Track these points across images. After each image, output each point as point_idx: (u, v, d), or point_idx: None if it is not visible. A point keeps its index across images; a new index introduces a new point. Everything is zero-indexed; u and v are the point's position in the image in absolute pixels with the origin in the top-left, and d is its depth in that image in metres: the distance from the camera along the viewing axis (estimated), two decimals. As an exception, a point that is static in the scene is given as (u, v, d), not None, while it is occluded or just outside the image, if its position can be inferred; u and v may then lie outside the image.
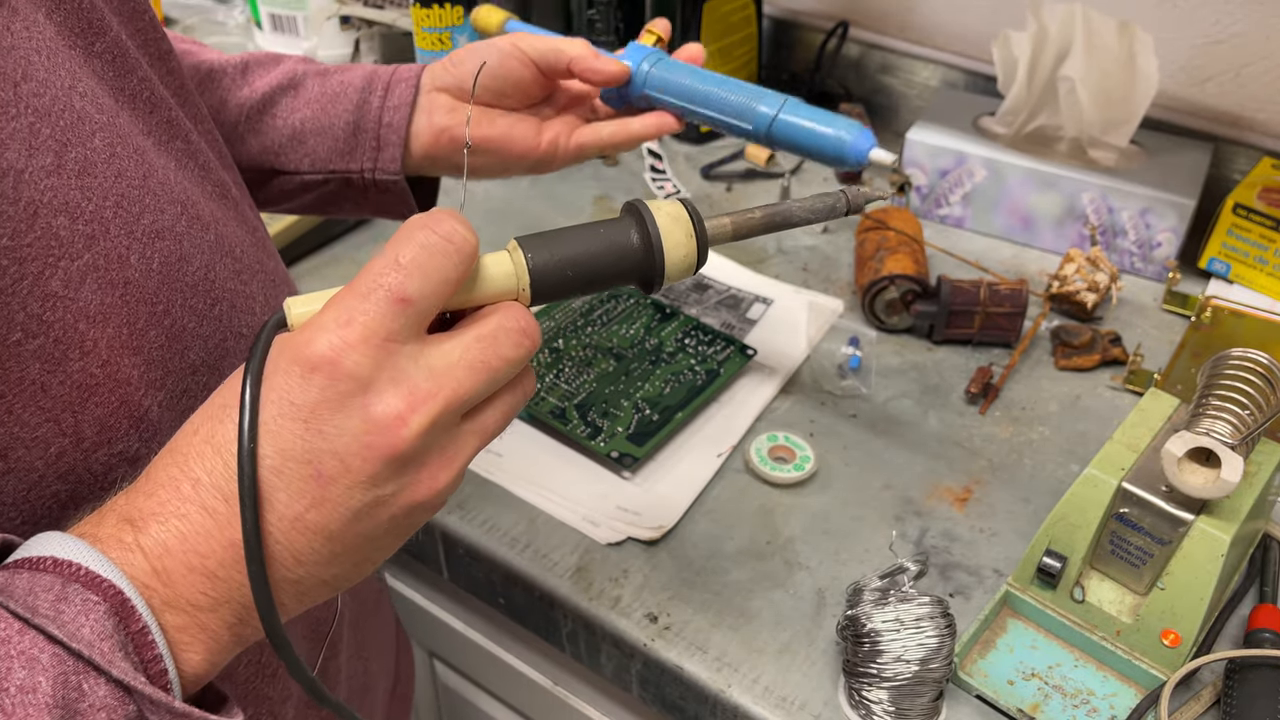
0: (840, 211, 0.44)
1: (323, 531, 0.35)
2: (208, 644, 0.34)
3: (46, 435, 0.36)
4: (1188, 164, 0.88)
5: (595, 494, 0.68)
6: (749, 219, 0.43)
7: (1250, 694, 0.53)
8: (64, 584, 0.32)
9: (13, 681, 0.30)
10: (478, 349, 0.37)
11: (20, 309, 0.35)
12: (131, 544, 0.33)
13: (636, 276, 0.41)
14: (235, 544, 0.34)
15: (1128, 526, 0.56)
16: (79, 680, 0.31)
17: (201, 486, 0.34)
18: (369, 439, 0.34)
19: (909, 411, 0.74)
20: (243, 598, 0.35)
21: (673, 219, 0.41)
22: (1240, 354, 0.56)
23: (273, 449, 0.34)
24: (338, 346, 0.34)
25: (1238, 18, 0.89)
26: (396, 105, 0.64)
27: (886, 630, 0.52)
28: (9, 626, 0.31)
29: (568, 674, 0.74)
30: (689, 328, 0.79)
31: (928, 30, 1.05)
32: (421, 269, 0.35)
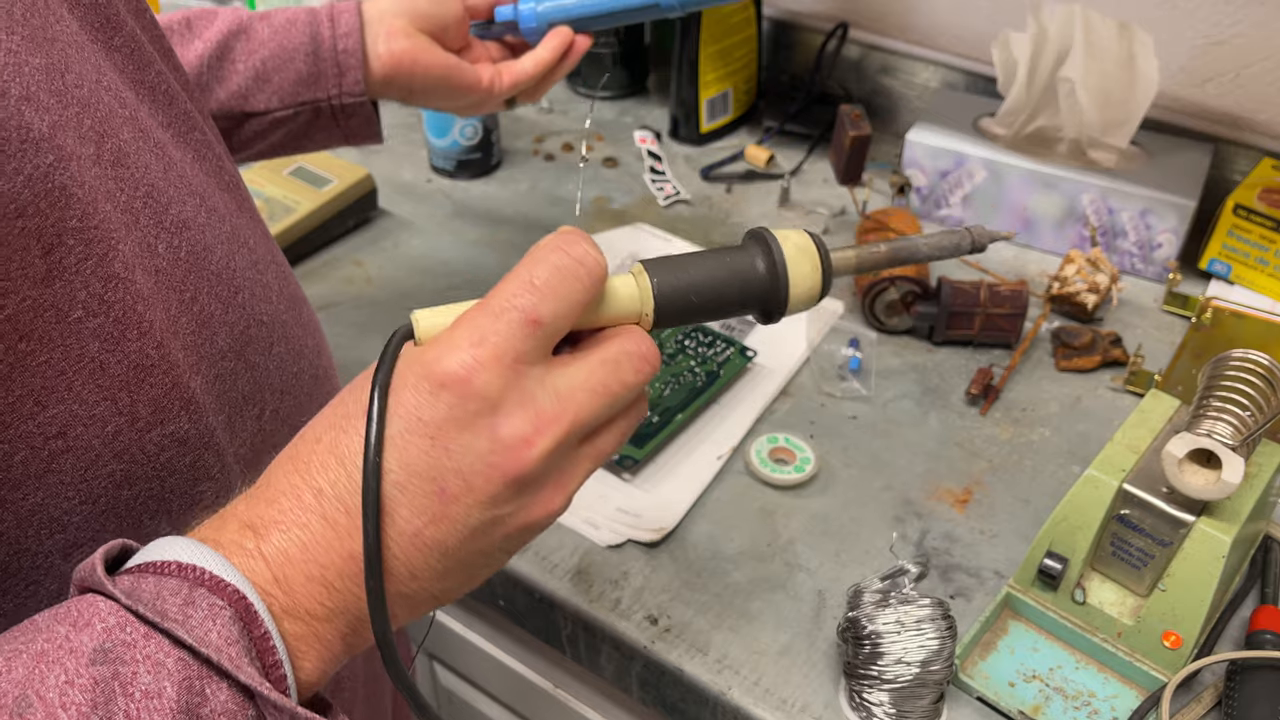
0: (964, 250, 0.43)
1: (439, 548, 0.35)
2: (321, 653, 0.35)
3: (104, 414, 0.37)
4: (1188, 165, 0.88)
5: (595, 496, 0.68)
6: (874, 253, 0.42)
7: (1251, 695, 0.53)
8: (190, 588, 0.32)
9: (138, 686, 0.30)
10: (601, 373, 0.37)
11: (83, 288, 0.35)
12: (254, 551, 0.34)
13: (759, 306, 0.41)
14: (354, 556, 0.34)
15: (1129, 528, 0.56)
16: (202, 685, 0.31)
17: (324, 497, 0.34)
18: (494, 459, 0.35)
19: (909, 413, 0.74)
20: (357, 609, 0.35)
21: (800, 250, 0.40)
22: (1241, 355, 0.55)
23: (398, 464, 0.34)
24: (469, 365, 0.34)
25: (1238, 18, 0.89)
26: (347, 32, 0.67)
27: (887, 632, 0.52)
28: (134, 631, 0.31)
29: (568, 676, 0.74)
30: (689, 329, 0.79)
31: (928, 31, 1.05)
32: (555, 291, 0.35)
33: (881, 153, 1.04)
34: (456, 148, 1.00)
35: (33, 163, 0.33)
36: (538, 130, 1.10)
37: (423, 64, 0.69)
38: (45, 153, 0.34)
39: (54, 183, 0.34)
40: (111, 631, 0.31)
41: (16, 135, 0.33)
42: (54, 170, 0.34)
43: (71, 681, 0.29)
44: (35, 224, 0.33)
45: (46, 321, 0.35)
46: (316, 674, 0.35)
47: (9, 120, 0.32)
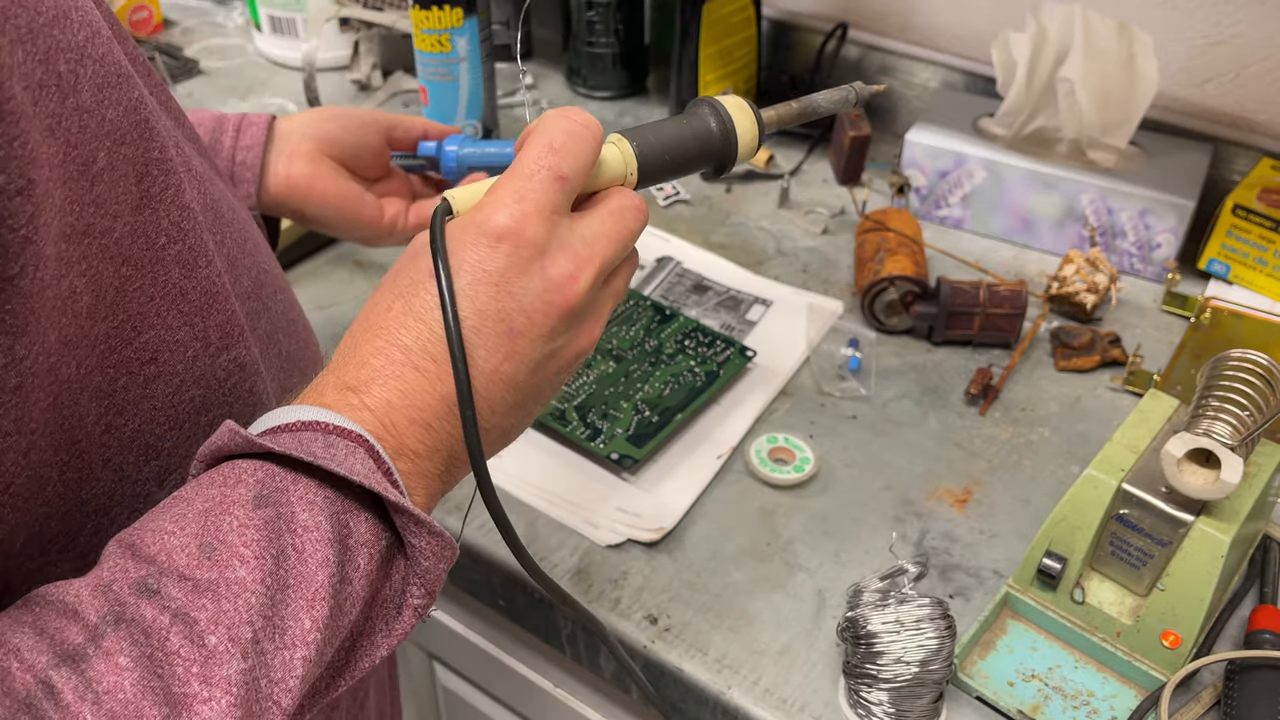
0: (851, 103, 0.51)
1: (511, 382, 0.40)
2: (426, 487, 0.39)
3: (185, 338, 0.40)
4: (1187, 165, 0.88)
5: (595, 496, 0.68)
6: (788, 109, 0.50)
7: (1250, 695, 0.53)
8: (325, 436, 0.36)
9: (299, 522, 0.34)
10: (612, 221, 0.43)
11: (165, 216, 0.39)
12: (359, 405, 0.38)
13: (715, 159, 0.48)
14: (446, 397, 0.39)
15: (1128, 528, 0.56)
16: (347, 519, 0.35)
17: (411, 351, 0.39)
18: (550, 296, 0.40)
19: (909, 413, 0.74)
20: (451, 446, 0.40)
21: (739, 108, 0.47)
22: (1240, 355, 0.56)
23: (471, 310, 0.39)
24: (518, 218, 0.39)
25: (1238, 19, 0.89)
26: (249, 145, 0.67)
27: (886, 632, 0.52)
28: (283, 479, 0.35)
29: (568, 676, 0.74)
30: (689, 329, 0.79)
31: (927, 31, 1.05)
32: (571, 151, 0.41)
33: (881, 153, 1.04)
34: (456, 148, 1.00)
35: (128, 95, 0.36)
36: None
37: (318, 191, 0.68)
38: (133, 88, 0.37)
39: (141, 115, 0.37)
40: (263, 481, 0.35)
41: (115, 69, 0.36)
42: (139, 104, 0.37)
43: (244, 525, 0.33)
44: (133, 152, 0.37)
45: (140, 247, 0.38)
46: (424, 506, 0.40)
47: (108, 55, 0.35)
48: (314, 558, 0.34)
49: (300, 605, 0.33)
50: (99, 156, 0.35)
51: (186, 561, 0.32)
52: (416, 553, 0.36)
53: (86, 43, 0.34)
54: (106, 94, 0.35)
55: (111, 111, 0.35)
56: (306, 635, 0.33)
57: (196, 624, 0.31)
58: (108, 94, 0.35)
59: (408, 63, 1.18)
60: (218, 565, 0.32)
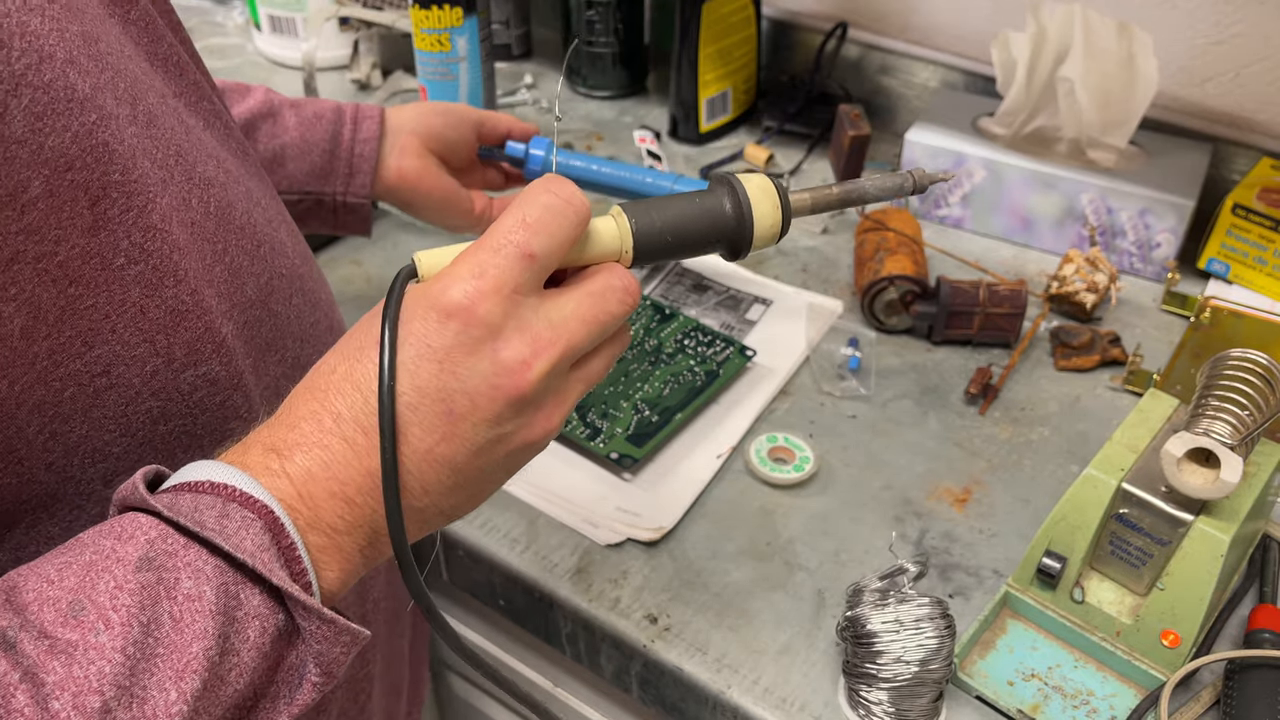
0: (907, 190, 0.46)
1: (449, 464, 0.38)
2: (342, 563, 0.38)
3: (143, 354, 0.40)
4: (1187, 164, 0.88)
5: (595, 495, 0.68)
6: (826, 195, 0.46)
7: (1250, 695, 0.53)
8: (224, 503, 0.35)
9: (181, 590, 0.33)
10: (588, 304, 0.40)
11: (125, 237, 0.38)
12: (278, 470, 0.37)
13: (726, 244, 0.44)
14: (372, 473, 0.37)
15: (1127, 527, 0.56)
16: (237, 590, 0.34)
17: (342, 420, 0.37)
18: (497, 380, 0.38)
19: (909, 412, 0.74)
20: (374, 522, 0.38)
21: (762, 191, 0.44)
22: (1239, 354, 0.56)
23: (410, 386, 0.37)
24: (472, 295, 0.37)
25: (1237, 18, 0.89)
26: (366, 138, 0.72)
27: (886, 631, 0.52)
28: (175, 542, 0.34)
29: (568, 675, 0.74)
30: (688, 329, 0.79)
31: (927, 31, 1.05)
32: (546, 228, 0.39)
33: (881, 152, 1.04)
34: (456, 147, 1.00)
35: (79, 120, 0.36)
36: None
37: (425, 184, 0.74)
38: (89, 111, 0.36)
39: (97, 139, 0.37)
40: (154, 542, 0.33)
41: (64, 95, 0.35)
42: (97, 128, 0.36)
43: (120, 586, 0.32)
44: (83, 177, 0.36)
45: (93, 268, 0.37)
46: (338, 583, 0.38)
47: (56, 81, 0.35)
48: (190, 628, 0.33)
49: (167, 675, 0.32)
50: (32, 185, 0.34)
51: (52, 618, 0.31)
52: (308, 635, 0.35)
53: (27, 70, 0.34)
54: (46, 121, 0.34)
55: (53, 139, 0.35)
56: (170, 707, 0.32)
57: (43, 685, 0.30)
58: (48, 121, 0.35)
59: (407, 62, 1.18)
60: (80, 626, 0.31)
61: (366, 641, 0.37)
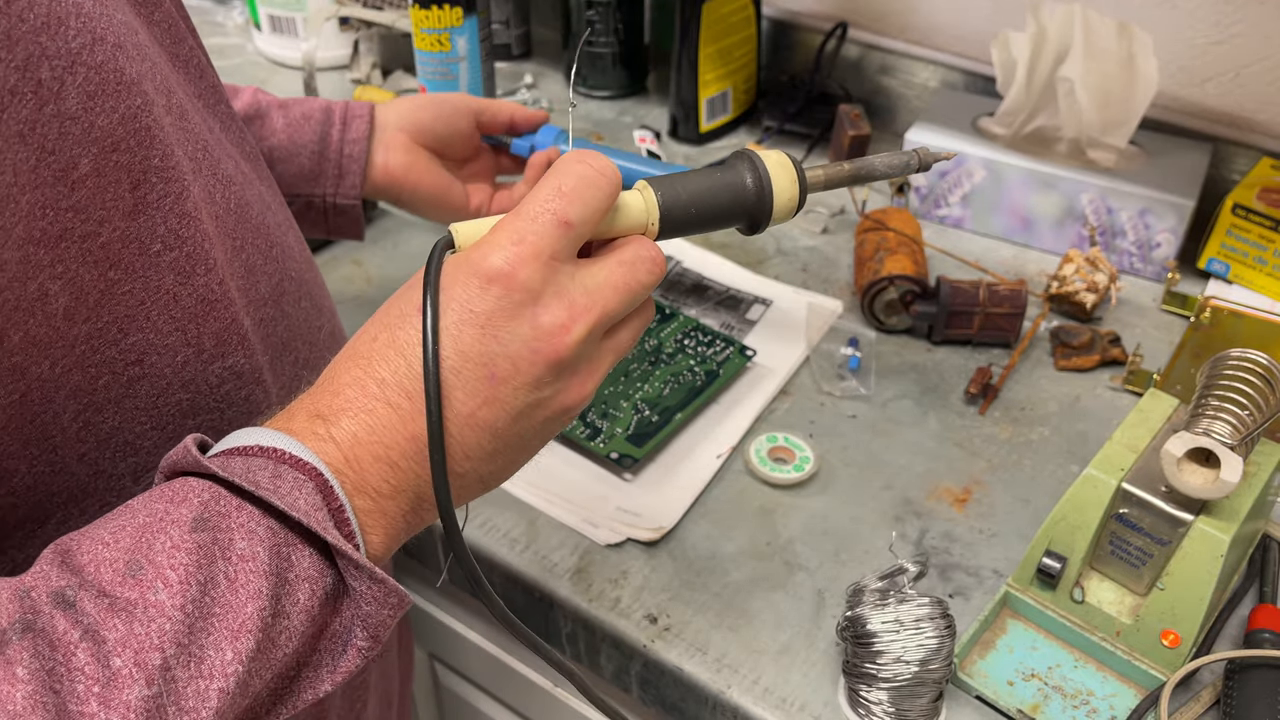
0: (913, 167, 0.48)
1: (490, 428, 0.39)
2: (386, 527, 0.38)
3: (175, 344, 0.40)
4: (1187, 164, 0.88)
5: (595, 495, 0.68)
6: (839, 170, 0.47)
7: (1250, 694, 0.53)
8: (275, 465, 0.35)
9: (235, 550, 0.33)
10: (620, 272, 0.41)
11: (162, 223, 0.39)
12: (325, 435, 0.37)
13: (747, 217, 0.45)
14: (417, 437, 0.38)
15: (1127, 527, 0.56)
16: (289, 552, 0.34)
17: (387, 385, 0.38)
18: (537, 344, 0.38)
19: (909, 412, 0.74)
20: (418, 487, 0.38)
21: (780, 165, 0.44)
22: (1239, 354, 0.56)
23: (453, 350, 0.37)
24: (512, 261, 0.38)
25: (1237, 18, 0.89)
26: (355, 139, 0.70)
27: (886, 631, 0.52)
28: (228, 504, 0.34)
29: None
30: (688, 328, 0.79)
31: (927, 31, 1.05)
32: (580, 196, 0.39)
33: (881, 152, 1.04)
34: (456, 147, 1.00)
35: (126, 103, 0.36)
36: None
37: (413, 181, 0.72)
38: (134, 95, 0.37)
39: (141, 123, 0.37)
40: (207, 504, 0.34)
41: (113, 77, 0.36)
42: (141, 112, 0.37)
43: (177, 546, 0.32)
44: (126, 159, 0.37)
45: (131, 253, 0.38)
46: (382, 547, 0.38)
47: (107, 63, 0.35)
48: (245, 588, 0.33)
49: (223, 635, 0.32)
50: (81, 163, 0.35)
51: (110, 577, 0.32)
52: (358, 596, 0.36)
53: (82, 50, 0.34)
54: (98, 101, 0.35)
55: (103, 119, 0.35)
56: (226, 667, 0.32)
57: (105, 643, 0.30)
58: (99, 101, 0.35)
59: (407, 62, 1.18)
60: (140, 585, 0.31)
61: (408, 607, 0.37)
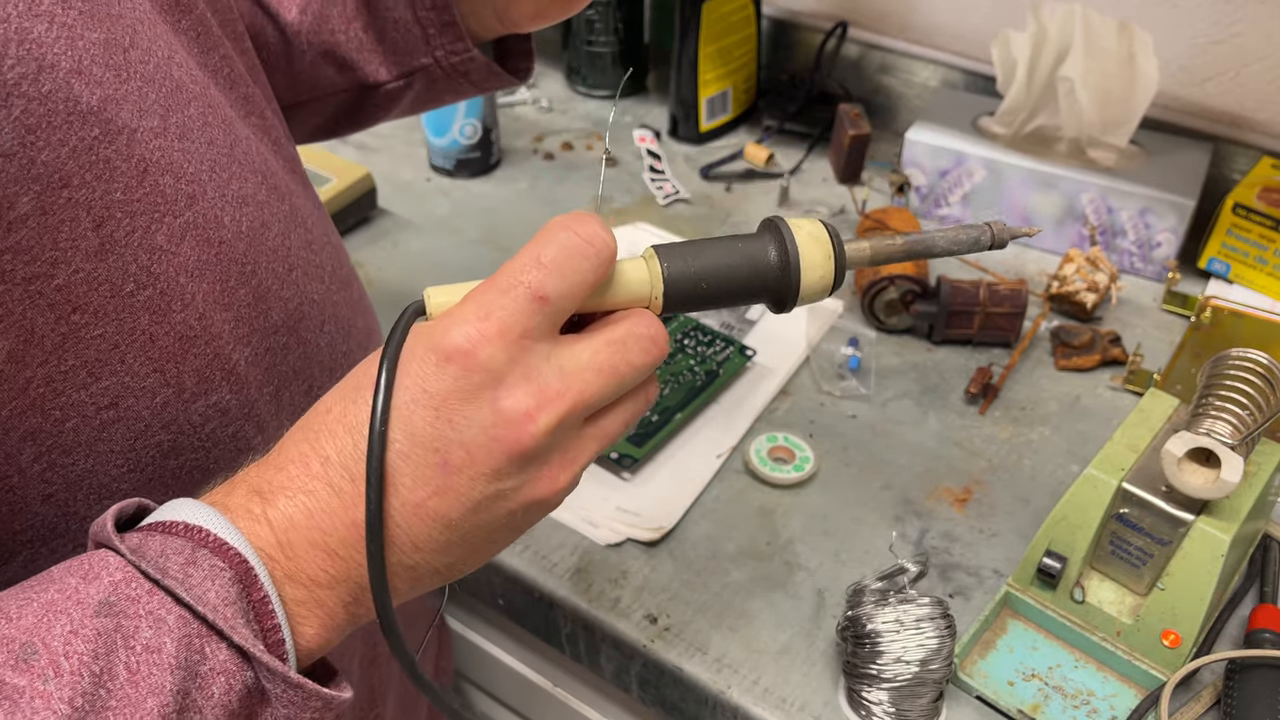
0: (984, 245, 0.42)
1: (442, 519, 0.35)
2: (323, 619, 0.35)
3: (153, 385, 0.38)
4: (1187, 164, 0.88)
5: (594, 495, 0.68)
6: (889, 246, 0.41)
7: (1250, 694, 0.53)
8: (194, 549, 0.33)
9: (139, 640, 0.31)
10: (607, 353, 0.37)
11: (132, 260, 0.36)
12: (259, 515, 0.34)
13: (770, 295, 0.40)
14: (358, 524, 0.35)
15: (1128, 527, 0.56)
16: (201, 644, 0.32)
17: (330, 465, 0.35)
18: (496, 432, 0.35)
19: (909, 412, 0.74)
20: (360, 577, 0.35)
21: (813, 239, 0.39)
22: (1240, 354, 0.55)
23: (402, 434, 0.34)
24: (474, 339, 0.34)
25: (1237, 18, 0.89)
26: None
27: (886, 631, 0.52)
28: (139, 587, 0.32)
29: (568, 675, 0.74)
30: (688, 328, 0.79)
31: (927, 30, 1.05)
32: (561, 269, 0.35)
33: (881, 152, 1.04)
34: (456, 147, 1.00)
35: (78, 134, 0.34)
36: (537, 129, 1.10)
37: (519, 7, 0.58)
38: (91, 125, 0.34)
39: (98, 155, 0.35)
40: (118, 586, 0.31)
41: (64, 107, 0.33)
42: (99, 143, 0.35)
43: (76, 631, 0.30)
44: (82, 195, 0.34)
45: (101, 295, 0.36)
46: (319, 640, 0.35)
47: (56, 93, 0.33)
48: (146, 682, 0.30)
49: None
50: (20, 202, 0.33)
51: (3, 659, 0.30)
52: (274, 699, 0.33)
53: (21, 80, 0.32)
54: (40, 135, 0.33)
55: (47, 154, 0.33)
56: None
57: None
58: (42, 135, 0.33)
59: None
60: (30, 672, 0.29)
61: (344, 707, 0.35)
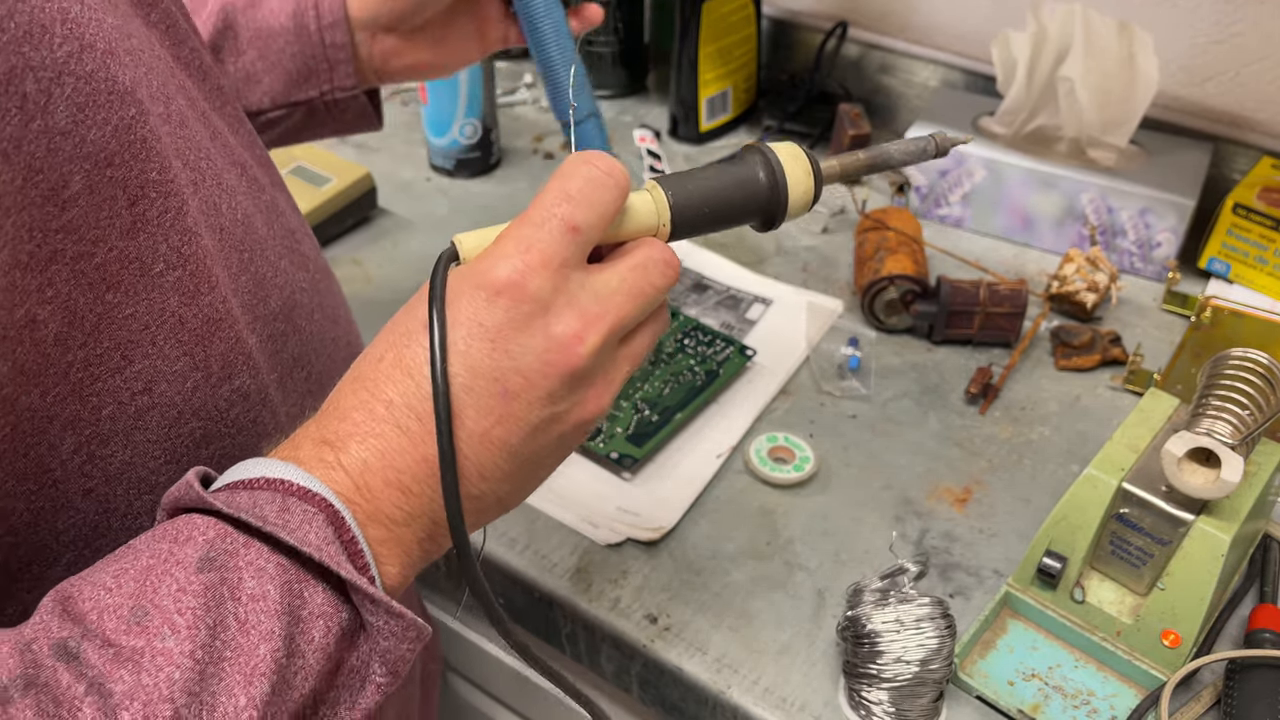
0: (930, 154, 0.46)
1: (505, 446, 0.37)
2: (401, 557, 0.36)
3: (184, 369, 0.38)
4: (1187, 164, 0.88)
5: (594, 495, 0.67)
6: (854, 160, 0.45)
7: (1250, 694, 0.53)
8: (283, 498, 0.34)
9: (244, 590, 0.32)
10: (633, 277, 0.39)
11: (164, 241, 0.37)
12: (333, 463, 0.35)
13: (761, 213, 0.43)
14: (429, 460, 0.36)
15: (1128, 527, 0.56)
16: (301, 588, 0.33)
17: (395, 407, 0.36)
18: (550, 356, 0.37)
19: (909, 412, 0.74)
20: (433, 511, 0.37)
21: (793, 157, 0.43)
22: (1240, 354, 0.55)
23: (463, 367, 0.36)
24: (521, 270, 0.36)
25: (1237, 18, 0.89)
26: (332, 23, 0.63)
27: (887, 631, 0.52)
28: (235, 541, 0.33)
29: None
30: (688, 328, 0.79)
31: (927, 30, 1.05)
32: (588, 200, 0.37)
33: (881, 152, 1.04)
34: (456, 146, 1.00)
35: (119, 114, 0.34)
36: (537, 129, 1.10)
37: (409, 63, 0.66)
38: (129, 105, 0.35)
39: (136, 135, 0.35)
40: (213, 543, 0.32)
41: (105, 87, 0.34)
42: (136, 123, 0.35)
43: (184, 589, 0.31)
44: (122, 174, 0.35)
45: (132, 274, 0.36)
46: (398, 578, 0.37)
47: (98, 72, 0.34)
48: (257, 630, 0.31)
49: (235, 681, 0.31)
50: (73, 180, 0.33)
51: (115, 625, 0.30)
52: (375, 632, 0.34)
53: (69, 59, 0.32)
54: (89, 114, 0.33)
55: (94, 132, 0.33)
56: (240, 713, 0.30)
57: (111, 696, 0.29)
58: (90, 114, 0.33)
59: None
60: (146, 632, 0.30)
61: (429, 638, 0.36)
